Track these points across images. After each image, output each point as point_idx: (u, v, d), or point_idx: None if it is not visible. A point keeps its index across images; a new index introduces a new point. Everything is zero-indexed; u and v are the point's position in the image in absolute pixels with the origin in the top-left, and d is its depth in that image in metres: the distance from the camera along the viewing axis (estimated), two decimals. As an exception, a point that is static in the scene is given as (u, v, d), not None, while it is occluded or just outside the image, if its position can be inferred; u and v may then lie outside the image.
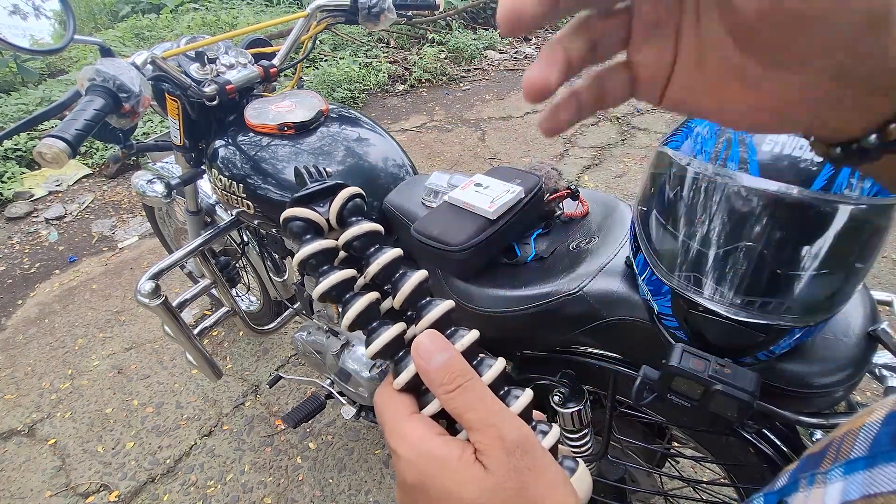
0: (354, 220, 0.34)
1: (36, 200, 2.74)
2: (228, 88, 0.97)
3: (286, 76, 1.24)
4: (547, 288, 0.79)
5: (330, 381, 1.33)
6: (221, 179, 0.99)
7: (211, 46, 0.99)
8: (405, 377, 0.30)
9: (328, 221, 0.34)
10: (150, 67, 0.89)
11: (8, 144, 2.86)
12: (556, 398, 0.85)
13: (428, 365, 0.28)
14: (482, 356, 0.31)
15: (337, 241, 0.34)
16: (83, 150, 3.00)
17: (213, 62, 0.99)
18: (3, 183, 2.74)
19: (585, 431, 0.87)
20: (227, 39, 1.01)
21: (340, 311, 0.32)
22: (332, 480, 1.44)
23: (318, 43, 4.06)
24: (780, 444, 0.71)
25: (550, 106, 0.24)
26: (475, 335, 0.31)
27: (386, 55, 4.39)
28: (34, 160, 2.22)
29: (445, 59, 4.38)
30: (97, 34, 4.57)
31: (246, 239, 1.35)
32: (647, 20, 0.22)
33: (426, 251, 0.86)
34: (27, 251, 2.41)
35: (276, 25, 1.50)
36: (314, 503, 1.39)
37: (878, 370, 0.68)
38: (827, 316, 0.58)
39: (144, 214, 2.32)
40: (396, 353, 0.31)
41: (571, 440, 0.88)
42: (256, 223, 1.05)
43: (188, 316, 2.02)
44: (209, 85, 0.96)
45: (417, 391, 0.30)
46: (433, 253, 0.85)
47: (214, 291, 1.28)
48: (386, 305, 0.34)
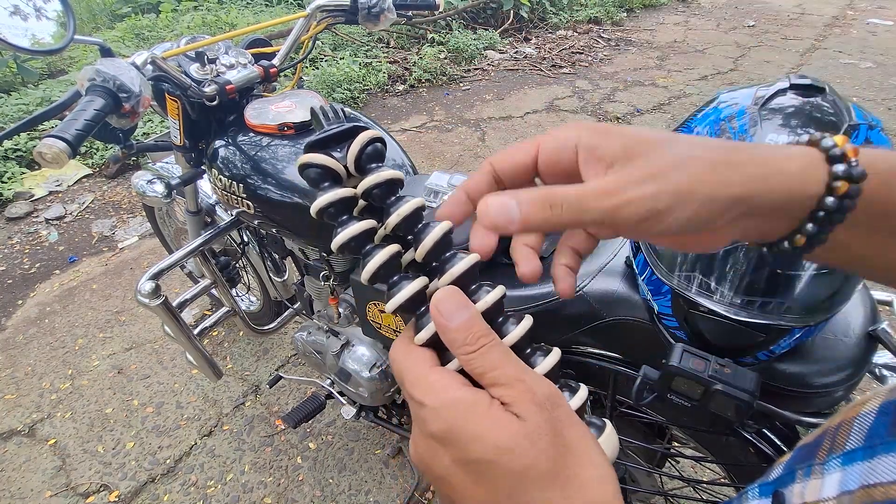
0: (374, 166, 0.32)
1: (36, 200, 2.74)
2: (228, 88, 0.97)
3: (286, 76, 1.24)
4: (547, 288, 0.79)
5: (330, 381, 1.33)
6: (221, 179, 0.99)
7: (211, 46, 0.99)
8: (426, 334, 0.28)
9: (346, 168, 0.32)
10: (150, 67, 0.89)
11: (8, 144, 2.86)
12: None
13: (448, 323, 0.27)
14: (508, 314, 0.30)
15: (356, 188, 0.32)
16: (83, 150, 3.00)
17: (213, 62, 0.99)
18: (3, 183, 2.74)
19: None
20: (227, 39, 1.01)
21: (361, 262, 0.31)
22: (332, 480, 1.44)
23: (318, 43, 4.06)
24: (780, 443, 0.71)
25: (556, 277, 0.32)
26: (500, 292, 0.30)
27: (386, 55, 4.39)
28: (34, 160, 2.23)
29: (445, 59, 4.38)
30: (97, 34, 4.58)
31: (246, 239, 1.35)
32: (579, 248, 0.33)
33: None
34: (27, 251, 2.41)
35: (276, 25, 1.50)
36: (314, 503, 1.39)
37: (878, 370, 0.68)
38: (827, 316, 0.58)
39: (144, 214, 2.32)
40: (418, 308, 0.30)
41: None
42: (256, 223, 1.05)
43: (188, 316, 2.02)
44: (209, 85, 0.96)
45: (438, 347, 0.29)
46: (433, 253, 0.84)
47: (214, 291, 1.28)
48: (408, 258, 0.32)
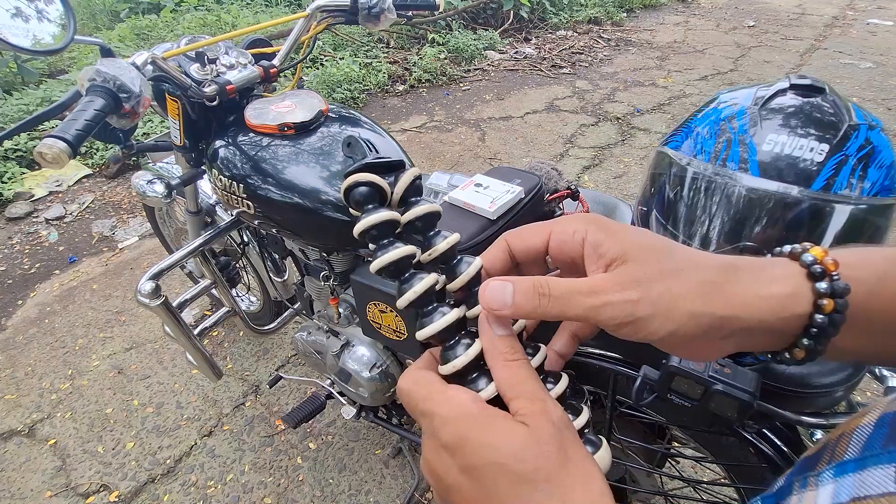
0: (415, 199, 0.35)
1: (36, 201, 2.74)
2: (228, 89, 0.97)
3: (286, 76, 1.24)
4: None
5: (330, 381, 1.33)
6: (221, 179, 0.99)
7: (211, 47, 0.99)
8: (451, 368, 0.30)
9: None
10: (150, 68, 0.89)
11: (8, 144, 2.86)
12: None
13: (496, 333, 0.30)
14: (526, 342, 0.34)
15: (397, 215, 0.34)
16: (83, 150, 2.99)
17: (213, 62, 0.99)
18: (3, 183, 2.74)
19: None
20: (227, 40, 1.01)
21: (398, 287, 0.32)
22: (332, 480, 1.44)
23: (318, 43, 4.06)
24: (780, 444, 0.71)
25: (549, 360, 0.34)
26: (522, 325, 0.33)
27: (386, 55, 4.39)
28: (34, 160, 2.23)
29: (445, 59, 4.38)
30: (97, 34, 4.58)
31: (246, 239, 1.35)
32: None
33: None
34: (27, 251, 2.41)
35: (276, 26, 1.50)
36: (314, 503, 1.39)
37: (877, 370, 0.68)
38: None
39: (144, 214, 2.32)
40: (448, 339, 0.31)
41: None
42: (257, 223, 1.05)
43: (188, 316, 2.02)
44: (209, 85, 0.96)
45: (463, 380, 0.31)
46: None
47: (214, 291, 1.28)
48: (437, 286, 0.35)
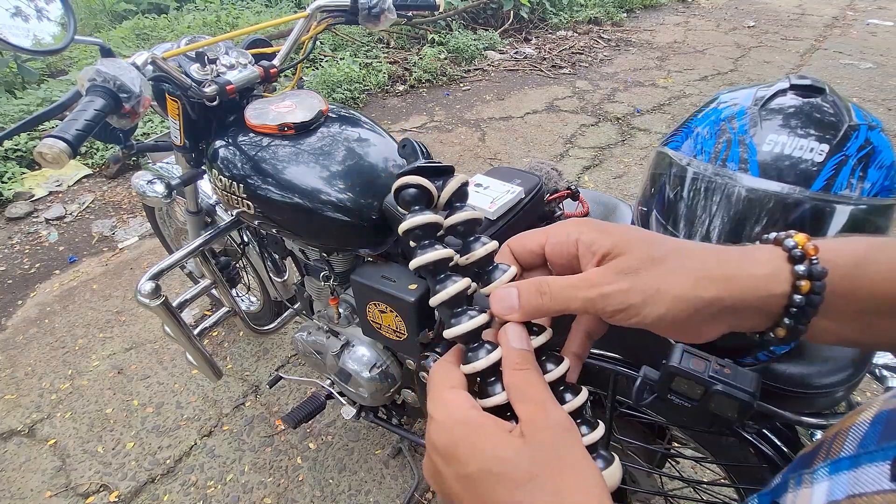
0: (460, 205, 0.36)
1: (36, 201, 2.73)
2: (229, 89, 0.97)
3: (286, 76, 1.24)
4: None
5: (330, 381, 1.33)
6: (221, 180, 0.99)
7: (211, 47, 0.99)
8: (483, 364, 0.31)
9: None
10: (150, 68, 0.89)
11: (8, 144, 2.86)
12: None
13: (510, 345, 0.31)
14: (550, 354, 0.34)
15: (440, 218, 0.35)
16: (83, 150, 3.00)
17: (213, 62, 0.99)
18: (3, 183, 2.74)
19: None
20: (227, 40, 1.01)
21: (432, 287, 0.34)
22: (332, 481, 1.44)
23: (318, 43, 4.07)
24: (780, 444, 0.71)
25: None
26: (548, 336, 0.34)
27: (386, 55, 4.39)
28: (34, 160, 2.23)
29: (445, 59, 4.38)
30: (98, 34, 4.58)
31: (246, 239, 1.35)
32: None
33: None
34: (27, 251, 2.41)
35: (276, 26, 1.50)
36: (314, 503, 1.39)
37: (878, 370, 0.68)
38: (827, 316, 0.58)
39: (144, 215, 2.32)
40: (473, 340, 0.33)
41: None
42: (257, 223, 1.05)
43: (188, 316, 2.02)
44: (209, 85, 0.96)
45: (483, 383, 0.32)
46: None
47: (214, 291, 1.28)
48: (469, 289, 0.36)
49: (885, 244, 0.30)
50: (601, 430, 0.32)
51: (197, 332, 1.18)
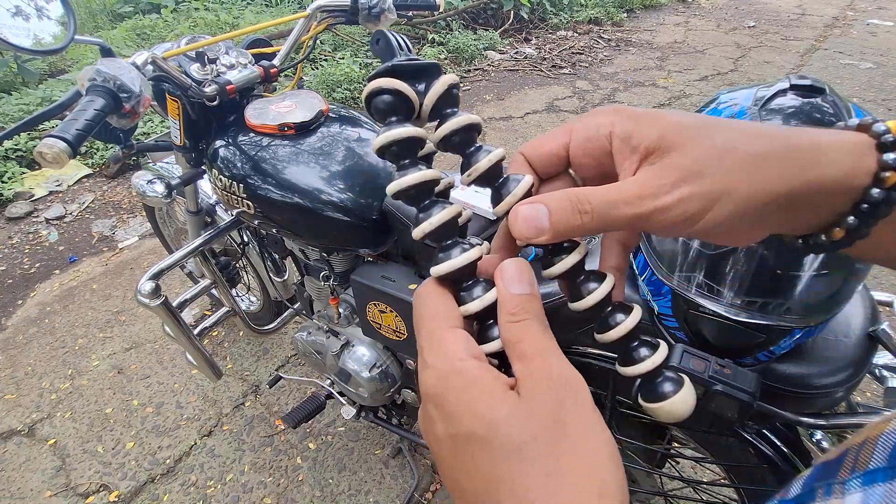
0: (451, 111, 0.29)
1: (36, 200, 2.73)
2: (229, 89, 0.97)
3: (286, 76, 1.24)
4: (547, 288, 0.79)
5: (330, 381, 1.33)
6: (221, 179, 0.99)
7: (211, 47, 0.99)
8: (476, 306, 0.27)
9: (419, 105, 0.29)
10: (150, 67, 0.89)
11: (8, 144, 2.85)
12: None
13: (507, 290, 0.26)
14: (588, 274, 0.29)
15: (423, 130, 0.29)
16: (83, 150, 2.99)
17: (213, 62, 0.99)
18: (3, 183, 2.74)
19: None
20: (227, 40, 1.01)
21: (415, 216, 0.28)
22: (332, 480, 1.44)
23: (318, 43, 4.06)
24: (780, 444, 0.71)
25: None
26: (582, 252, 0.29)
27: (386, 55, 4.39)
28: (34, 160, 2.22)
29: (445, 59, 4.38)
30: (98, 34, 4.58)
31: (246, 239, 1.35)
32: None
33: (428, 252, 0.86)
34: (27, 251, 2.41)
35: (276, 26, 1.49)
36: (314, 503, 1.39)
37: (878, 371, 0.68)
38: (827, 316, 0.58)
39: (144, 214, 2.31)
40: (466, 279, 0.28)
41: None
42: (257, 223, 1.05)
43: (188, 316, 2.02)
44: (209, 85, 0.96)
45: (481, 322, 0.28)
46: (433, 253, 0.85)
47: (214, 291, 1.28)
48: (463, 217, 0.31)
49: None
50: (664, 350, 0.27)
51: (197, 331, 1.18)
